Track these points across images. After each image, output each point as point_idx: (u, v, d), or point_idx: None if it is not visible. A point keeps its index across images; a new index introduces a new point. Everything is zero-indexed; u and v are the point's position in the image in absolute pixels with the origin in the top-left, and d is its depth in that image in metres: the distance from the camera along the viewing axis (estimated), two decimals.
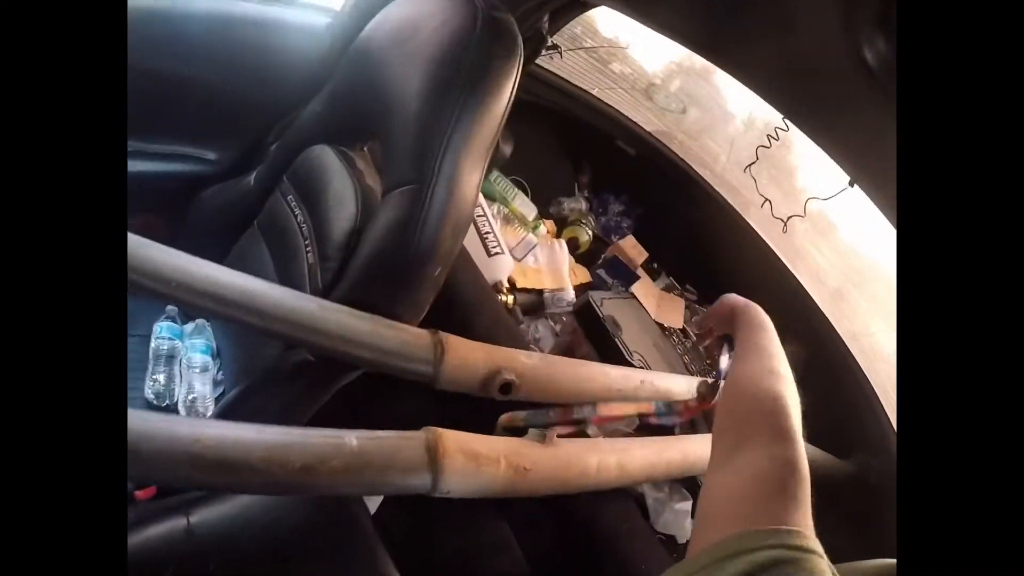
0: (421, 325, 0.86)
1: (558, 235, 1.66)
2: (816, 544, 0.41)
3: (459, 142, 0.78)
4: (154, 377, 1.10)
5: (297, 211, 1.00)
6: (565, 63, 1.74)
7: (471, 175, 0.80)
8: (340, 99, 1.06)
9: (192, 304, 0.80)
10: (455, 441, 0.72)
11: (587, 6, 1.28)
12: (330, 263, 0.88)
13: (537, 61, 1.46)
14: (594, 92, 1.72)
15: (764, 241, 1.69)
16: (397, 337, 0.79)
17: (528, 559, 1.10)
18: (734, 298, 0.83)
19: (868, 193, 0.96)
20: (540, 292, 1.40)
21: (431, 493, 0.70)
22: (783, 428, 0.56)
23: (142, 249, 0.80)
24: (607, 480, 0.87)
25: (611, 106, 1.76)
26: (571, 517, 0.94)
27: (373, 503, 1.10)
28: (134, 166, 1.33)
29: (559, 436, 0.81)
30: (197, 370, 1.15)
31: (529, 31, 1.28)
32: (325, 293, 0.86)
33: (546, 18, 1.26)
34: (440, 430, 0.72)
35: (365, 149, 1.05)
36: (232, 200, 1.22)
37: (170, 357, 1.19)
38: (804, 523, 0.44)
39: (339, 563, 0.93)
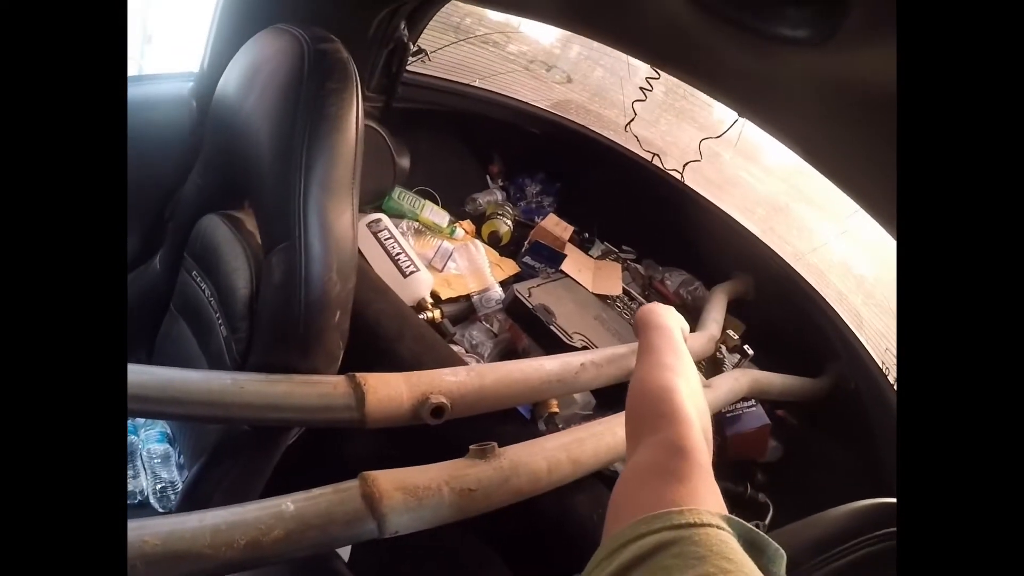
0: (345, 368, 0.86)
1: (478, 233, 1.65)
2: (709, 516, 0.41)
3: (316, 187, 0.78)
4: None
5: (203, 285, 0.99)
6: (467, 54, 1.74)
7: (341, 215, 0.79)
8: (211, 164, 1.05)
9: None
10: (391, 481, 0.72)
11: (439, 3, 1.28)
12: (239, 333, 0.87)
13: (413, 68, 1.46)
14: (476, 83, 1.72)
15: (687, 186, 1.71)
16: (314, 392, 0.79)
17: (510, 566, 1.12)
18: (640, 312, 0.91)
19: (755, 122, 0.98)
20: (468, 297, 1.38)
21: (381, 536, 0.71)
22: (665, 412, 0.58)
23: None
24: (563, 477, 0.88)
25: (503, 93, 1.77)
26: (541, 517, 0.95)
27: (346, 549, 1.10)
28: None
29: None
30: (159, 460, 1.15)
31: (390, 41, 1.28)
32: (242, 363, 0.86)
33: (403, 25, 1.26)
34: (374, 474, 0.72)
35: (248, 208, 1.04)
36: (144, 286, 1.21)
37: (130, 453, 1.18)
38: (695, 498, 0.44)
39: None
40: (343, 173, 0.80)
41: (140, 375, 0.78)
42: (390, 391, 0.81)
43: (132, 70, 1.79)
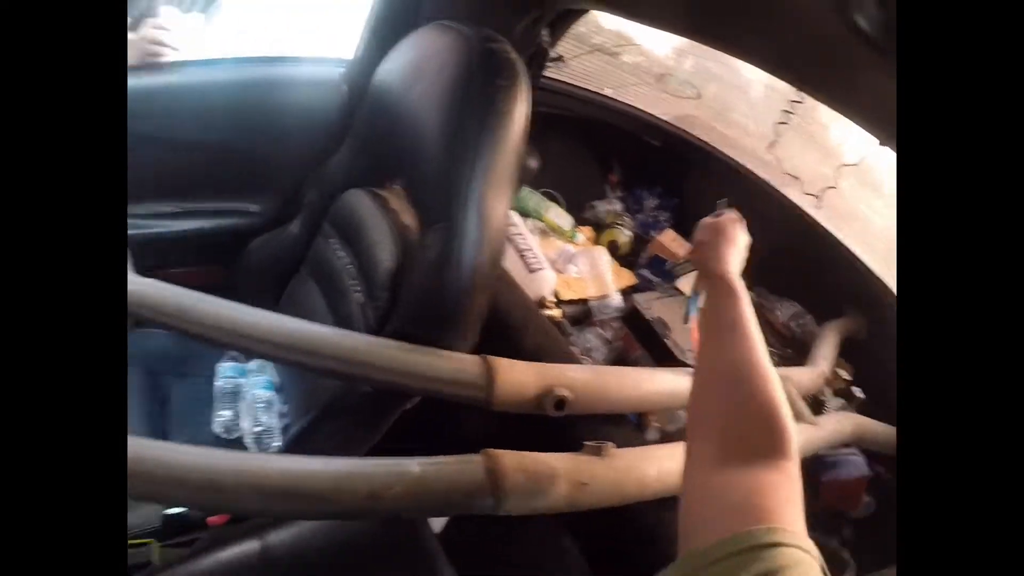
0: (472, 351, 0.89)
1: (597, 240, 1.66)
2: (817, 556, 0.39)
3: (481, 176, 0.81)
4: (220, 413, 1.17)
5: (342, 253, 1.05)
6: (580, 64, 1.76)
7: (498, 205, 0.83)
8: (363, 144, 1.11)
9: (250, 350, 0.87)
10: (514, 461, 0.74)
11: (580, 13, 1.30)
12: (378, 302, 0.92)
13: (547, 73, 1.49)
14: (605, 92, 1.73)
15: (805, 213, 1.66)
16: (448, 366, 0.83)
17: (590, 562, 1.12)
18: (708, 237, 0.80)
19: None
20: (586, 301, 1.40)
21: (495, 512, 0.73)
22: (776, 441, 0.51)
23: (201, 304, 0.87)
24: (667, 488, 0.88)
25: (628, 103, 1.77)
26: (634, 523, 0.95)
27: (439, 521, 1.14)
28: (189, 224, 1.44)
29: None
30: (263, 405, 1.22)
31: (532, 47, 1.31)
32: (377, 330, 0.90)
33: (545, 32, 1.29)
34: (498, 452, 0.75)
35: (396, 187, 1.09)
36: (279, 248, 1.29)
37: (234, 394, 1.26)
38: (804, 537, 0.41)
39: None
40: (506, 166, 0.83)
41: (277, 321, 0.85)
42: (518, 377, 0.84)
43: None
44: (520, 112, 0.84)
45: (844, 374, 1.41)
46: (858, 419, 1.31)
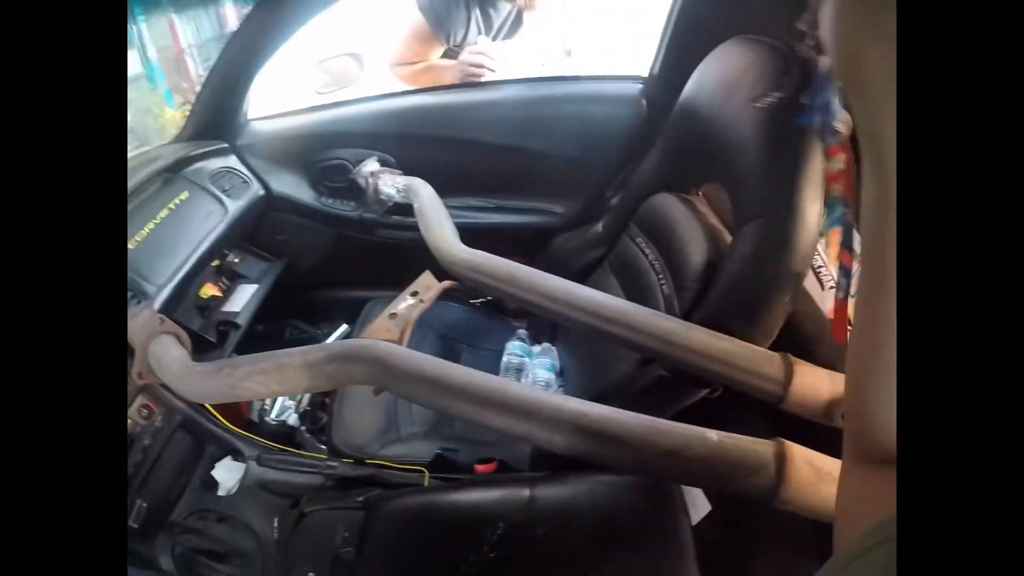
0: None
1: None
2: None
3: (801, 177, 0.86)
4: None
5: (647, 251, 1.17)
6: None
7: (813, 206, 0.87)
8: (674, 152, 1.22)
9: (576, 320, 1.00)
10: (803, 454, 0.77)
11: None
12: (687, 292, 1.02)
13: None
14: None
15: None
16: (750, 356, 0.88)
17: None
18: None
19: None
20: None
21: (771, 500, 0.76)
22: None
23: (531, 274, 1.04)
24: None
25: None
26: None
27: (696, 515, 1.18)
28: (499, 217, 1.70)
29: None
30: (541, 385, 1.37)
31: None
32: (684, 318, 0.99)
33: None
34: (789, 442, 0.79)
35: (700, 193, 1.19)
36: (582, 244, 1.46)
37: (518, 371, 1.44)
38: None
39: (651, 561, 1.01)
40: (817, 169, 0.87)
41: (602, 297, 0.98)
42: (815, 381, 0.87)
43: None
44: None
45: None
46: None
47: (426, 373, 0.84)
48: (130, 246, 1.30)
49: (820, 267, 1.31)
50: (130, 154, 1.67)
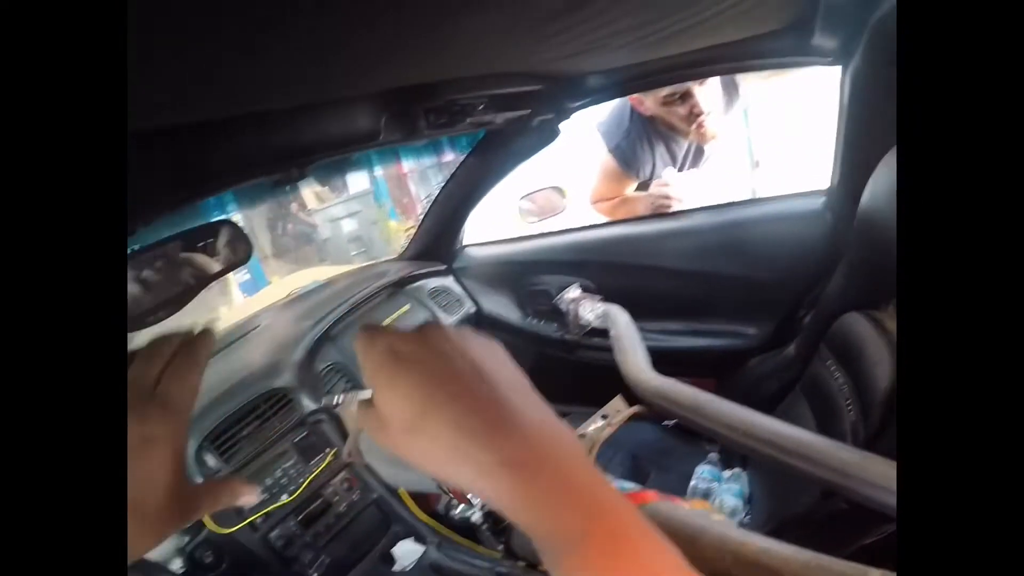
0: None
1: None
2: None
3: None
4: None
5: (837, 374, 1.12)
6: None
7: None
8: (858, 268, 1.17)
9: (755, 450, 0.98)
10: None
11: None
12: (872, 419, 0.96)
13: None
14: None
15: None
16: None
17: None
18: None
19: None
20: None
21: None
22: None
23: (715, 403, 1.06)
24: None
25: None
26: None
27: None
28: (689, 341, 1.72)
29: None
30: (728, 512, 1.32)
31: None
32: (867, 446, 0.93)
33: None
34: None
35: (891, 308, 1.11)
36: (775, 367, 1.42)
37: (706, 494, 1.39)
38: None
39: None
40: None
41: (780, 426, 0.96)
42: None
43: (746, 194, 2.18)
44: None
45: None
46: None
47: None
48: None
49: None
50: (358, 263, 2.02)
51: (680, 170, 1.95)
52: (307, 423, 1.42)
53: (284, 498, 1.31)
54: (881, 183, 1.09)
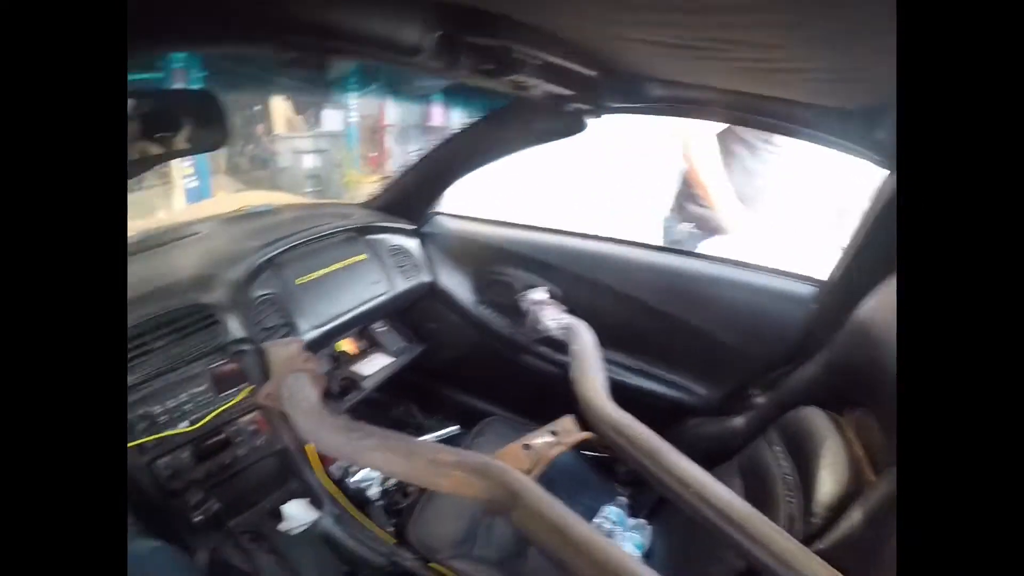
0: None
1: None
2: None
3: None
4: None
5: (784, 462, 1.08)
6: None
7: None
8: (836, 367, 1.13)
9: (699, 512, 0.92)
10: None
11: None
12: (814, 519, 0.92)
13: None
14: None
15: None
16: None
17: None
18: None
19: None
20: None
21: None
22: None
23: (672, 455, 1.01)
24: None
25: None
26: None
27: None
28: (636, 380, 1.68)
29: None
30: None
31: None
32: (804, 542, 0.89)
33: None
34: None
35: (855, 415, 1.09)
36: (715, 434, 1.39)
37: (607, 535, 1.35)
38: None
39: None
40: None
41: (729, 496, 0.91)
42: None
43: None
44: None
45: None
46: None
47: (552, 518, 0.82)
48: (296, 283, 1.44)
49: None
50: (316, 199, 1.90)
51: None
52: (228, 351, 1.27)
53: (184, 425, 1.15)
54: (890, 297, 1.07)
